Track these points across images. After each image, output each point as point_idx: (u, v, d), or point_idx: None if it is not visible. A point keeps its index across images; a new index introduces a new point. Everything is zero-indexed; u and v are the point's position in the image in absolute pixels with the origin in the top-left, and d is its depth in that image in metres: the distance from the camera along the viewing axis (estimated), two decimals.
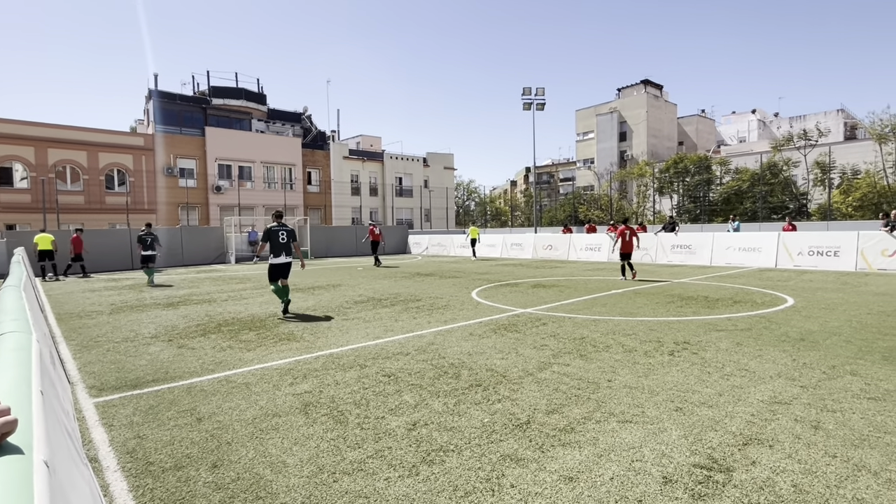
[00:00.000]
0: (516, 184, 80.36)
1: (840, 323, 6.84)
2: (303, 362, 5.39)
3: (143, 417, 3.88)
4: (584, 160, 61.90)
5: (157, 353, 5.99)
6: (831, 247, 14.68)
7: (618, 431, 3.41)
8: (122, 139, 29.87)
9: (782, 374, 4.61)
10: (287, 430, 3.56)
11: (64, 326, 7.94)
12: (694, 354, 5.34)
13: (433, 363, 5.23)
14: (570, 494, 2.63)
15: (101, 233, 21.52)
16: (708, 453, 3.05)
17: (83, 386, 4.75)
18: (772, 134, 52.21)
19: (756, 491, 2.62)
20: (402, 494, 2.68)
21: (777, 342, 5.80)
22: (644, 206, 44.21)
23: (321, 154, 38.47)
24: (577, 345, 5.87)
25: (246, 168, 34.23)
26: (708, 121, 63.21)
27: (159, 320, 8.25)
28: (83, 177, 28.16)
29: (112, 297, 11.50)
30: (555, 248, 21.82)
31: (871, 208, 30.27)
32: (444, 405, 3.99)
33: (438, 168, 46.08)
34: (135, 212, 28.68)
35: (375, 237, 20.50)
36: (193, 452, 3.25)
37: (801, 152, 35.56)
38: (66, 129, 27.80)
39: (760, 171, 35.61)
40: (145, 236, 14.71)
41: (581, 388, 4.33)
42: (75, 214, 27.23)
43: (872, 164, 32.86)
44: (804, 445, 3.13)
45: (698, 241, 17.66)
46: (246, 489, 2.77)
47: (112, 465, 3.10)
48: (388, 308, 8.97)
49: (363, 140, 47.39)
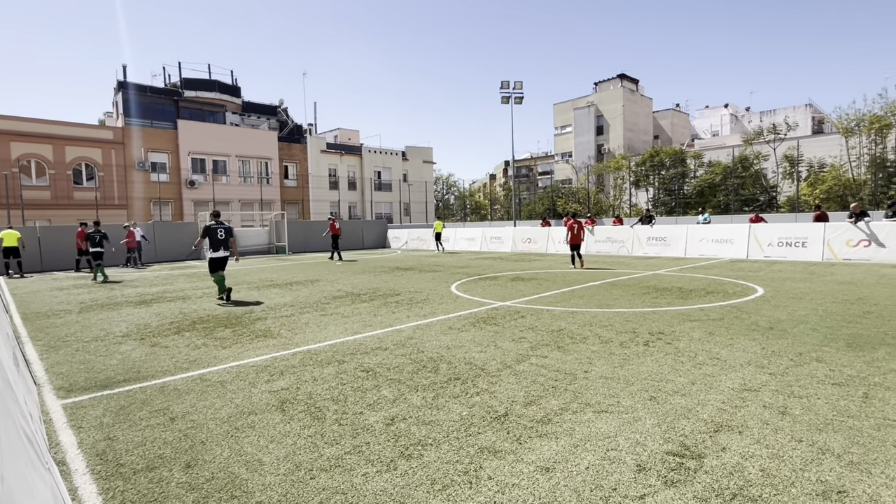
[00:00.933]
0: (495, 177, 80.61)
1: (807, 312, 7.06)
2: (280, 359, 5.33)
3: (114, 418, 3.78)
4: (562, 154, 62.39)
5: (128, 352, 5.84)
6: (799, 238, 15.14)
7: (594, 421, 3.46)
8: (91, 132, 28.94)
9: (752, 361, 4.74)
10: (263, 428, 3.51)
11: (30, 326, 7.68)
12: (668, 344, 5.45)
13: (412, 357, 5.22)
14: (547, 485, 2.67)
15: (69, 229, 20.85)
16: (680, 440, 3.12)
17: (50, 387, 4.60)
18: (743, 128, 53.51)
19: (726, 476, 2.69)
20: (379, 489, 2.67)
21: (747, 331, 5.96)
22: (621, 199, 44.85)
23: (298, 148, 37.92)
24: (555, 337, 5.93)
25: (221, 162, 33.54)
26: (682, 115, 64.33)
27: (131, 318, 8.05)
28: (49, 171, 27.22)
29: (82, 296, 11.16)
30: (534, 241, 21.99)
31: (837, 200, 31.30)
32: (422, 399, 3.99)
33: (417, 162, 45.91)
34: (105, 207, 27.86)
35: (336, 231, 20.22)
36: (166, 453, 3.18)
37: (771, 146, 36.50)
38: (29, 121, 26.79)
39: (732, 164, 36.45)
40: (94, 234, 14.88)
41: (558, 379, 4.38)
42: (41, 210, 26.33)
43: (838, 158, 33.95)
44: (772, 431, 3.22)
45: (673, 234, 18.00)
46: (220, 489, 2.73)
47: (81, 467, 3.02)
48: (366, 303, 8.92)
49: (341, 134, 46.88)
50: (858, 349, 5.06)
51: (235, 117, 35.61)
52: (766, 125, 39.34)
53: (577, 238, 14.18)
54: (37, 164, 27.00)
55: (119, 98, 31.44)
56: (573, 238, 14.15)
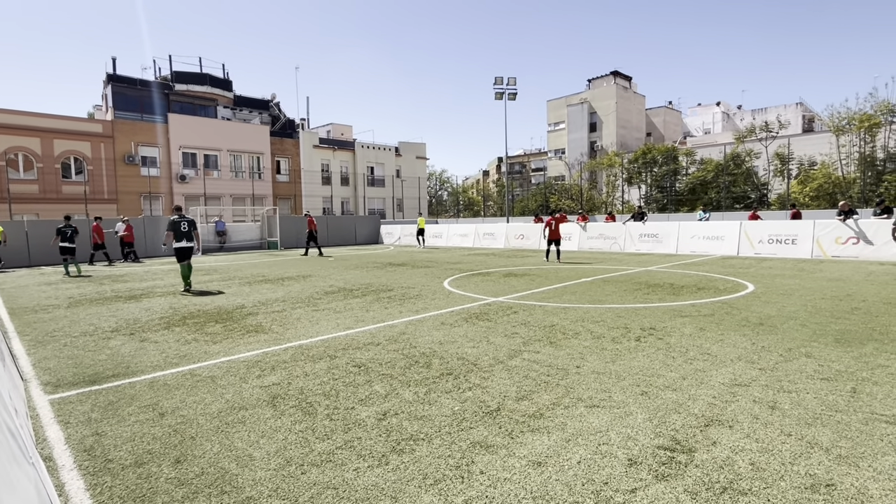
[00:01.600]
0: (489, 174, 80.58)
1: (796, 308, 7.12)
2: (271, 354, 5.29)
3: (102, 414, 3.74)
4: (556, 150, 62.49)
5: (117, 347, 5.78)
6: (789, 235, 15.27)
7: (585, 416, 3.47)
8: (79, 125, 28.54)
9: (742, 357, 4.77)
10: (254, 423, 3.49)
11: (17, 321, 7.58)
12: (659, 340, 5.48)
13: (404, 353, 5.21)
14: (539, 479, 2.67)
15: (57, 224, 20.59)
16: (671, 435, 3.14)
17: (37, 382, 4.54)
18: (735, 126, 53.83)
19: (716, 470, 2.71)
20: (371, 484, 2.66)
21: (738, 327, 6.01)
22: (613, 196, 44.99)
23: (290, 142, 37.65)
24: (547, 332, 5.94)
25: (212, 156, 33.22)
26: (675, 112, 64.59)
27: (120, 313, 7.97)
28: (37, 165, 26.82)
29: (70, 291, 11.03)
30: (526, 237, 22.02)
31: (827, 198, 31.61)
32: (414, 394, 3.98)
33: (411, 157, 45.76)
34: (94, 201, 27.53)
35: (312, 226, 20.62)
36: (155, 448, 3.15)
37: (763, 144, 36.74)
38: (17, 114, 26.36)
39: (724, 162, 36.67)
40: (65, 229, 14.84)
41: (550, 374, 4.38)
42: (29, 204, 25.97)
43: (828, 156, 34.25)
44: (762, 425, 3.25)
45: (665, 230, 18.10)
46: (210, 484, 2.70)
47: (68, 463, 2.98)
48: (359, 298, 8.89)
49: (334, 129, 46.58)
50: (847, 345, 5.12)
51: (227, 111, 35.25)
52: (758, 123, 39.57)
53: (556, 233, 15.01)
54: (24, 158, 26.60)
55: (108, 91, 31.00)
56: (552, 234, 14.99)
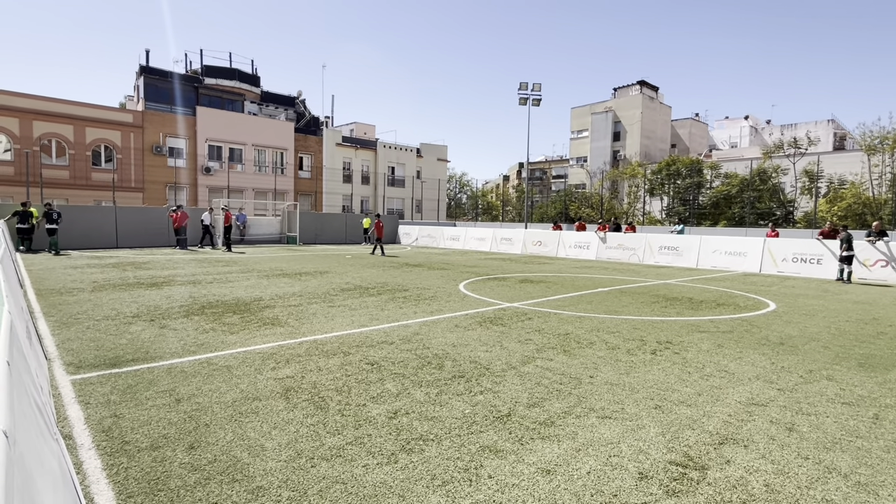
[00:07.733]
0: (509, 179, 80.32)
1: (819, 329, 6.95)
2: (286, 347, 5.36)
3: (121, 396, 3.83)
4: (578, 158, 61.99)
5: (138, 332, 5.91)
6: (815, 255, 14.90)
7: (597, 427, 3.44)
8: (111, 115, 29.30)
9: (760, 376, 4.68)
10: (267, 415, 3.54)
11: (43, 302, 7.80)
12: (675, 354, 5.40)
13: (417, 353, 5.23)
14: (547, 487, 2.65)
15: (87, 209, 21.16)
16: (684, 451, 3.09)
17: (60, 363, 4.67)
18: (763, 140, 52.72)
19: (729, 489, 2.66)
20: (379, 481, 2.68)
21: (757, 345, 5.89)
22: (634, 207, 44.47)
23: (314, 140, 38.10)
24: (561, 340, 5.90)
25: (237, 150, 33.80)
26: (701, 125, 63.60)
27: (142, 300, 8.15)
28: (69, 151, 27.61)
29: (94, 275, 11.32)
30: (544, 244, 21.90)
31: (856, 218, 30.75)
32: (425, 395, 3.99)
33: (432, 159, 45.91)
34: (121, 190, 28.21)
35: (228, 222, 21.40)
36: (170, 433, 3.21)
37: (791, 160, 35.97)
38: (52, 101, 27.19)
39: (750, 176, 35.97)
40: (50, 212, 17.31)
41: (563, 383, 4.35)
42: (60, 189, 26.72)
43: (859, 175, 33.36)
44: (778, 446, 3.18)
45: (685, 244, 17.82)
46: (222, 471, 2.75)
47: (87, 442, 3.06)
48: (374, 297, 8.94)
49: (357, 128, 46.98)
50: (871, 369, 4.98)
51: (254, 106, 35.83)
52: (787, 139, 38.75)
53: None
54: (57, 144, 27.39)
55: (140, 82, 31.78)
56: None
